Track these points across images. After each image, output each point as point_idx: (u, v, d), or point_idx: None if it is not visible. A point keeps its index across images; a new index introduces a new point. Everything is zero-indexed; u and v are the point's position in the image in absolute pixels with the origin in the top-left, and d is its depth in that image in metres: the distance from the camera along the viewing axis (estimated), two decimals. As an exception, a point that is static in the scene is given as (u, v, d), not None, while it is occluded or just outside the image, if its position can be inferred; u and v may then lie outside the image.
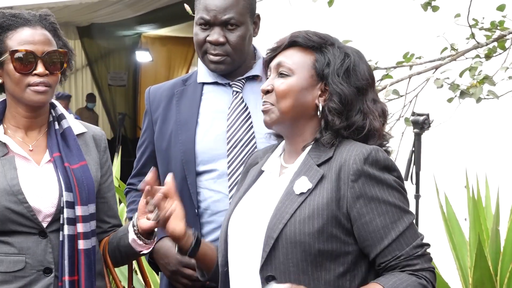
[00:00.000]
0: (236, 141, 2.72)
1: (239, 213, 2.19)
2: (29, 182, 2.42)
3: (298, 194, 2.05)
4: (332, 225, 2.01)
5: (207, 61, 2.73)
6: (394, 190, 2.03)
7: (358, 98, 2.12)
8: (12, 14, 2.46)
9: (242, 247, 2.15)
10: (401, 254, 2.01)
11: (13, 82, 2.43)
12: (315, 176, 2.06)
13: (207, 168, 2.73)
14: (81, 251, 2.45)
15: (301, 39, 2.15)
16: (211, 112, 2.78)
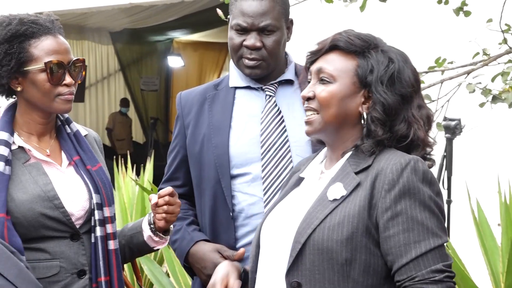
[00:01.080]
0: (270, 144, 2.72)
1: (272, 219, 2.18)
2: (60, 187, 2.44)
3: (331, 200, 2.02)
4: (362, 235, 1.98)
5: (243, 66, 2.74)
6: (426, 208, 1.97)
7: (403, 107, 2.07)
8: (32, 21, 2.45)
9: (271, 252, 2.14)
10: (416, 275, 1.95)
11: (41, 92, 2.43)
12: (351, 184, 2.02)
13: (241, 171, 2.73)
14: (112, 251, 2.49)
15: (342, 43, 2.11)
16: (244, 116, 2.79)
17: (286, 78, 2.81)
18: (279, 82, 2.81)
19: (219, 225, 2.74)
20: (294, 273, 2.02)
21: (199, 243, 2.72)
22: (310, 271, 2.00)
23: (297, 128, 2.71)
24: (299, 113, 2.72)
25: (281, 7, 2.74)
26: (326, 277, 1.99)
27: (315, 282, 2.00)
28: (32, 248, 2.37)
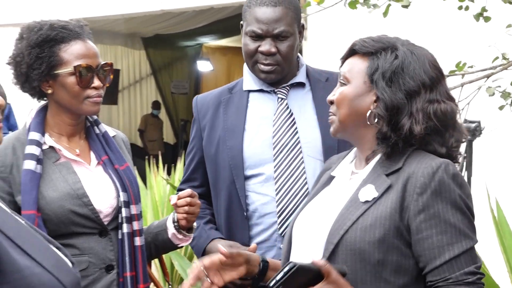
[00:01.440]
0: (282, 146, 2.74)
1: (304, 217, 2.17)
2: (89, 185, 2.46)
3: (363, 202, 2.01)
4: (394, 236, 1.96)
5: (258, 71, 2.76)
6: (458, 211, 1.95)
7: (407, 102, 2.04)
8: (62, 26, 2.47)
9: (303, 250, 2.13)
10: (450, 277, 1.93)
11: (70, 94, 2.45)
12: (382, 186, 2.00)
13: (255, 172, 2.75)
14: (138, 247, 2.52)
15: (357, 47, 2.11)
16: (257, 118, 2.80)
17: (297, 81, 2.83)
18: (291, 85, 2.81)
19: (234, 224, 2.77)
20: None
21: (214, 241, 2.75)
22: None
23: (309, 129, 2.76)
24: (311, 114, 2.79)
25: (294, 13, 2.76)
26: (358, 276, 1.97)
27: (348, 281, 1.97)
28: (62, 244, 2.38)
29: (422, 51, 2.11)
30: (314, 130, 2.77)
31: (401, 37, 2.15)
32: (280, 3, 2.72)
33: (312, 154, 2.75)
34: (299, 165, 2.73)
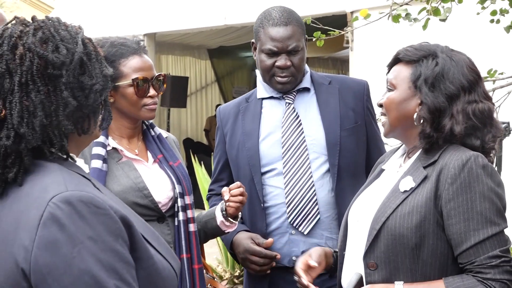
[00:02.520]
0: (290, 145, 2.76)
1: (357, 205, 2.19)
2: (148, 179, 2.49)
3: (402, 192, 2.02)
4: (429, 222, 1.96)
5: (275, 82, 2.78)
6: (486, 199, 1.93)
7: (448, 105, 2.03)
8: (121, 43, 2.50)
9: (354, 235, 2.15)
10: (475, 260, 1.92)
11: (130, 103, 2.48)
12: (419, 177, 2.01)
13: (268, 168, 2.79)
14: (192, 232, 2.55)
15: (401, 55, 2.11)
16: (269, 121, 2.84)
17: (303, 86, 2.85)
18: (297, 90, 2.83)
19: (254, 214, 2.80)
20: (370, 255, 2.03)
21: (239, 233, 2.79)
22: (384, 253, 2.01)
23: (313, 129, 2.78)
24: (315, 115, 2.81)
25: (301, 29, 2.80)
26: (399, 258, 1.98)
27: (389, 262, 2.00)
28: None
29: (461, 56, 2.09)
30: (318, 129, 2.79)
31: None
32: (290, 22, 2.75)
33: (317, 150, 2.76)
34: (304, 161, 2.75)
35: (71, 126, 1.46)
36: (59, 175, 1.40)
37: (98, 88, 1.48)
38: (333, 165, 2.73)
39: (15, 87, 1.39)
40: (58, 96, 1.42)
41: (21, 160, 1.41)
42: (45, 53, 1.42)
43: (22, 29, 1.45)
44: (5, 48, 1.42)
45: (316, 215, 2.72)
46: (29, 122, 1.40)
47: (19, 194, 1.40)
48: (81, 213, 1.33)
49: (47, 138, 1.43)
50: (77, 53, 1.45)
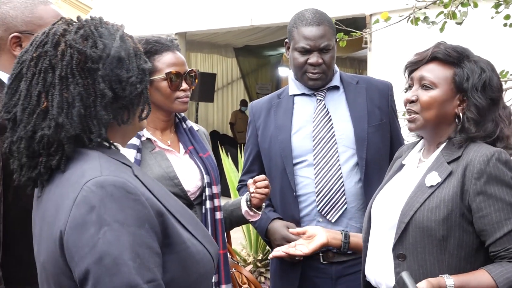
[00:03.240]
0: (320, 138, 2.75)
1: (380, 199, 2.17)
2: (179, 169, 2.48)
3: (429, 187, 2.00)
4: (456, 215, 1.94)
5: (307, 79, 2.78)
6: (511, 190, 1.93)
7: (492, 108, 2.02)
8: (155, 41, 2.49)
9: (380, 227, 2.13)
10: (510, 246, 1.91)
11: (164, 96, 2.46)
12: (445, 172, 1.99)
13: (300, 160, 2.77)
14: (218, 220, 2.54)
15: (441, 55, 2.07)
16: (301, 116, 2.82)
17: (333, 85, 2.84)
18: (327, 88, 2.82)
19: (287, 203, 2.79)
20: (399, 247, 2.02)
21: (274, 221, 2.78)
22: (413, 245, 1.99)
23: (342, 124, 2.77)
24: (344, 112, 2.80)
25: (332, 29, 2.79)
26: (426, 250, 1.97)
27: (417, 254, 1.98)
28: None
29: (491, 64, 2.09)
30: (347, 125, 2.78)
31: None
32: (322, 23, 2.75)
33: (346, 144, 2.76)
34: (333, 154, 2.74)
35: (109, 116, 1.46)
36: (96, 161, 1.40)
37: (134, 80, 1.48)
38: (361, 158, 2.72)
39: (56, 81, 1.41)
40: (96, 88, 1.42)
41: (62, 148, 1.42)
42: (84, 48, 1.43)
43: (65, 28, 1.47)
44: (48, 45, 1.44)
45: (343, 204, 2.71)
46: (68, 112, 1.41)
47: (62, 179, 1.41)
48: (112, 196, 1.33)
49: (86, 128, 1.43)
50: (114, 48, 1.46)
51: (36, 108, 1.42)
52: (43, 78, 1.42)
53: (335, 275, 2.73)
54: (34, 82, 1.42)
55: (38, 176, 1.44)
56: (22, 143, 1.42)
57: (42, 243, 1.42)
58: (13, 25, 2.05)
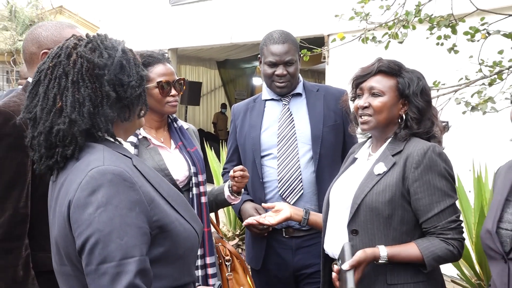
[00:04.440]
0: (283, 136, 2.77)
1: (337, 186, 2.19)
2: (169, 162, 2.46)
3: (376, 175, 2.02)
4: (398, 198, 1.96)
5: (274, 87, 2.80)
6: (443, 178, 1.95)
7: (428, 109, 2.06)
8: (148, 55, 2.49)
9: (337, 209, 2.14)
10: (438, 225, 1.94)
11: (156, 101, 2.45)
12: (389, 163, 2.01)
13: (266, 153, 2.80)
14: (203, 203, 2.53)
15: (385, 68, 2.09)
16: (269, 118, 2.84)
17: (297, 92, 2.85)
18: (292, 94, 2.84)
19: (256, 187, 2.81)
20: (353, 224, 2.03)
21: (245, 203, 2.80)
22: (364, 222, 2.01)
23: (302, 125, 2.79)
24: (304, 114, 2.82)
25: (295, 46, 2.80)
26: (375, 226, 1.99)
27: (367, 229, 2.00)
28: None
29: (421, 74, 2.14)
30: (306, 125, 2.79)
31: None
32: (286, 41, 2.77)
33: (304, 141, 2.77)
34: (294, 148, 2.75)
35: (114, 114, 1.46)
36: (101, 153, 1.40)
37: (134, 84, 1.49)
38: (316, 153, 2.73)
39: (69, 85, 1.42)
40: (102, 90, 1.43)
41: (76, 140, 1.42)
42: (92, 58, 1.44)
43: (76, 42, 1.48)
44: (62, 56, 1.45)
45: (300, 190, 2.72)
46: (80, 110, 1.41)
47: (73, 167, 1.41)
48: (110, 183, 1.33)
49: (95, 123, 1.43)
50: (117, 58, 1.47)
51: (52, 108, 1.42)
52: (58, 83, 1.42)
53: (294, 246, 2.74)
54: (50, 87, 1.43)
55: (54, 164, 1.44)
56: (41, 137, 1.43)
57: (55, 220, 1.43)
58: (44, 43, 2.07)
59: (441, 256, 1.93)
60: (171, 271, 1.42)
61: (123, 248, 1.29)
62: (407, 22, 3.26)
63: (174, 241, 1.42)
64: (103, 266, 1.27)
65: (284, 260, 2.74)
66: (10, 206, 1.89)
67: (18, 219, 1.90)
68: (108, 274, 1.27)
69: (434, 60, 3.67)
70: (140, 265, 1.29)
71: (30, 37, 2.11)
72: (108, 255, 1.28)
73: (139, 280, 1.28)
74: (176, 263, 1.43)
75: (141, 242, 1.32)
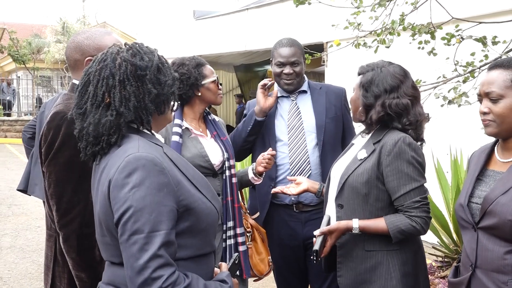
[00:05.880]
0: (293, 126, 2.74)
1: (335, 166, 2.18)
2: (208, 149, 2.46)
3: (359, 160, 2.01)
4: (374, 179, 1.95)
5: (282, 84, 2.77)
6: (410, 165, 1.92)
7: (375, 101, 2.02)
8: (198, 57, 2.54)
9: (332, 186, 2.14)
10: (404, 204, 1.92)
11: (213, 93, 2.49)
12: (370, 150, 2.00)
13: (279, 139, 2.75)
14: (234, 183, 2.52)
15: (359, 70, 2.08)
16: (281, 111, 2.80)
17: (302, 89, 2.83)
18: (298, 92, 2.81)
19: (270, 169, 2.70)
20: (339, 199, 2.03)
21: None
22: (347, 198, 2.01)
23: (308, 117, 2.77)
24: (310, 108, 2.79)
25: (301, 50, 2.78)
26: (355, 202, 1.99)
27: (350, 204, 2.00)
28: None
29: (390, 68, 2.04)
30: (311, 117, 2.77)
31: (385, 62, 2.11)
32: (293, 45, 2.75)
33: (310, 130, 2.75)
34: (301, 136, 2.73)
35: (154, 107, 1.47)
36: (136, 142, 1.40)
37: (170, 83, 1.49)
38: (320, 140, 2.72)
39: (116, 83, 1.42)
40: (144, 88, 1.44)
41: (120, 130, 1.43)
42: (135, 61, 1.45)
43: (118, 49, 1.49)
44: (109, 60, 1.45)
45: (308, 171, 2.71)
46: (126, 104, 1.42)
47: (114, 153, 1.41)
48: (143, 167, 1.32)
49: (138, 116, 1.44)
50: (155, 61, 1.47)
51: (101, 103, 1.43)
52: (106, 83, 1.43)
53: (304, 219, 2.73)
54: (99, 85, 1.43)
55: (100, 150, 1.44)
56: (90, 127, 1.43)
57: (97, 198, 1.42)
58: (87, 51, 2.00)
59: (405, 230, 1.91)
60: (194, 242, 1.42)
61: (151, 223, 1.29)
62: (393, 29, 3.23)
63: (197, 217, 1.41)
64: (133, 237, 1.28)
65: (295, 231, 2.74)
66: (83, 196, 1.86)
67: (90, 207, 1.84)
68: (138, 244, 1.27)
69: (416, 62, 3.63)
70: (166, 238, 1.30)
71: (73, 45, 2.03)
72: (138, 228, 1.28)
73: (163, 251, 1.28)
74: (198, 236, 1.43)
75: (167, 218, 1.31)
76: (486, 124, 1.71)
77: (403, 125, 1.99)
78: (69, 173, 1.86)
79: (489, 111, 1.69)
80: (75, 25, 20.47)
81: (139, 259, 1.26)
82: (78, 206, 1.87)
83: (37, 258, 5.08)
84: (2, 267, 4.87)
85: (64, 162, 1.85)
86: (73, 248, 1.86)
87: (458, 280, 1.77)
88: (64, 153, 1.85)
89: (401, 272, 1.96)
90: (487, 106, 1.69)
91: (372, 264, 1.97)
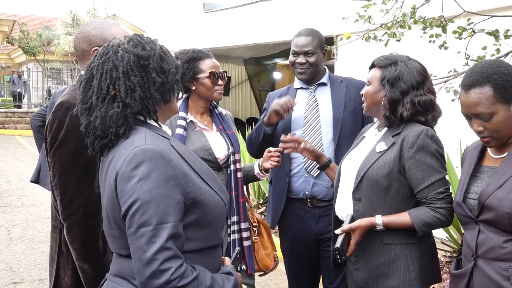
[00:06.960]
0: (309, 118, 2.71)
1: (347, 159, 2.18)
2: (212, 142, 2.45)
3: (378, 152, 2.00)
4: (395, 172, 1.94)
5: (296, 73, 2.75)
6: (433, 157, 1.92)
7: (402, 97, 2.02)
8: (199, 50, 2.48)
9: (345, 179, 2.13)
10: (428, 195, 1.92)
11: (207, 88, 2.45)
12: (389, 142, 1.99)
13: (295, 131, 2.72)
14: (239, 178, 2.51)
15: (376, 62, 2.09)
16: (299, 103, 2.77)
17: (322, 81, 2.79)
18: (318, 84, 2.78)
19: (284, 161, 2.72)
20: (357, 192, 2.02)
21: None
22: (365, 191, 2.00)
23: (325, 109, 2.74)
24: (328, 101, 2.75)
25: (318, 41, 2.73)
26: (374, 195, 1.98)
27: (368, 197, 1.99)
28: None
29: (414, 64, 2.05)
30: (329, 110, 2.74)
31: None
32: (309, 35, 2.72)
33: (326, 123, 2.72)
34: (317, 129, 2.70)
35: (159, 96, 1.46)
36: (143, 134, 1.39)
37: (173, 70, 1.49)
38: (335, 134, 2.68)
39: (120, 75, 1.41)
40: (149, 77, 1.43)
41: (127, 121, 1.42)
42: (137, 51, 1.44)
43: (119, 42, 1.48)
44: (110, 53, 1.45)
45: None
46: (132, 95, 1.41)
47: (122, 145, 1.41)
48: (150, 159, 1.32)
49: (144, 106, 1.44)
50: (156, 50, 1.47)
51: (106, 96, 1.42)
52: (109, 75, 1.42)
53: (317, 215, 2.71)
54: (103, 79, 1.42)
55: (108, 142, 1.44)
56: (97, 121, 1.42)
57: (105, 190, 1.42)
58: (94, 41, 1.99)
59: (430, 223, 1.92)
60: (202, 234, 1.42)
61: (159, 215, 1.28)
62: (403, 23, 3.20)
63: (204, 209, 1.40)
64: (141, 229, 1.28)
65: (309, 226, 2.72)
66: (87, 187, 1.86)
67: (95, 198, 1.86)
68: (145, 236, 1.27)
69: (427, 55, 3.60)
70: (173, 230, 1.29)
71: (81, 36, 2.01)
72: (146, 220, 1.28)
73: (171, 243, 1.28)
74: (206, 228, 1.42)
75: (174, 210, 1.31)
76: (486, 141, 1.75)
77: (427, 119, 2.01)
78: (74, 164, 1.85)
79: (483, 129, 1.72)
80: (85, 18, 20.56)
81: (147, 252, 1.25)
82: (82, 197, 1.86)
83: (46, 248, 5.14)
84: (12, 257, 4.93)
85: (69, 152, 1.85)
86: (77, 239, 1.86)
87: (460, 272, 1.79)
88: (69, 143, 1.85)
89: (419, 265, 1.96)
90: (480, 125, 1.73)
91: (390, 258, 1.97)
